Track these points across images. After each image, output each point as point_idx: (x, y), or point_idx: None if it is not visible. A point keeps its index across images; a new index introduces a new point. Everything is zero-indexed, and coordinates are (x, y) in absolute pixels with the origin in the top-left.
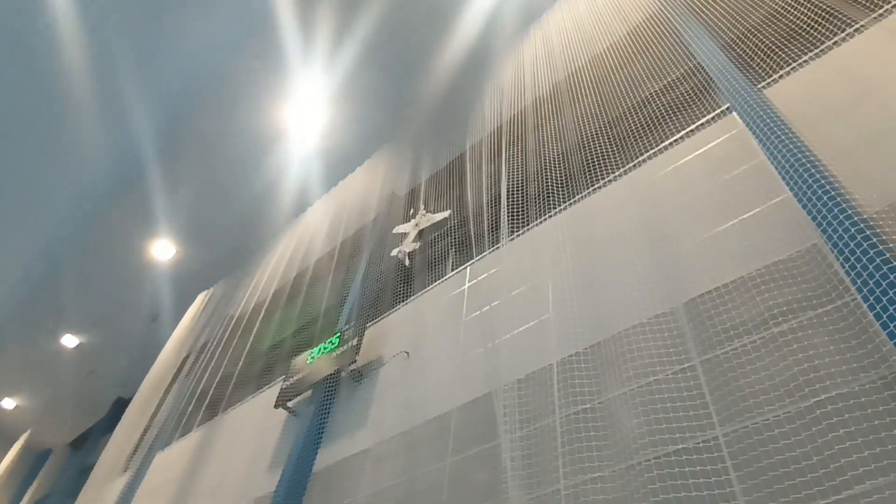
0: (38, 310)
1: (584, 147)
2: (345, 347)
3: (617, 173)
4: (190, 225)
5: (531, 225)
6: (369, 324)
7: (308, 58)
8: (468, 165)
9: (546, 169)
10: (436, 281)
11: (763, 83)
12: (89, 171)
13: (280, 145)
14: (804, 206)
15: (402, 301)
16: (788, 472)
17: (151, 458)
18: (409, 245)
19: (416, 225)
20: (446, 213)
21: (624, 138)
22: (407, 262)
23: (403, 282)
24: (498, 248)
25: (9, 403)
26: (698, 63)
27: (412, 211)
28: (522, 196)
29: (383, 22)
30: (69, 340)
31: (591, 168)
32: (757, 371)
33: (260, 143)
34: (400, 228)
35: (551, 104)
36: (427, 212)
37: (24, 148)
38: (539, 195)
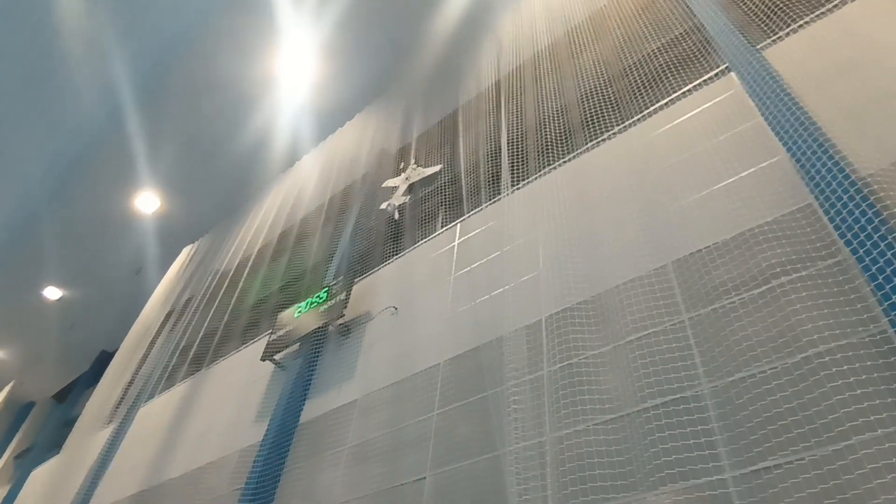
0: (20, 261)
1: (580, 104)
2: (333, 302)
3: (613, 131)
4: (175, 177)
5: (524, 182)
6: (357, 279)
7: (298, 5)
8: (461, 122)
9: (541, 126)
10: (425, 237)
11: (767, 41)
12: (70, 119)
13: (268, 97)
14: (799, 166)
15: (391, 257)
16: (774, 427)
17: (136, 410)
18: (398, 198)
19: (407, 179)
20: (437, 168)
21: (622, 96)
22: (396, 216)
23: (392, 238)
24: (491, 203)
25: None
26: (699, 22)
27: (402, 165)
28: (515, 153)
29: None
30: (52, 293)
31: (587, 126)
32: (745, 327)
33: (248, 94)
34: (390, 182)
35: (550, 61)
36: (418, 166)
37: (2, 95)
38: (533, 153)
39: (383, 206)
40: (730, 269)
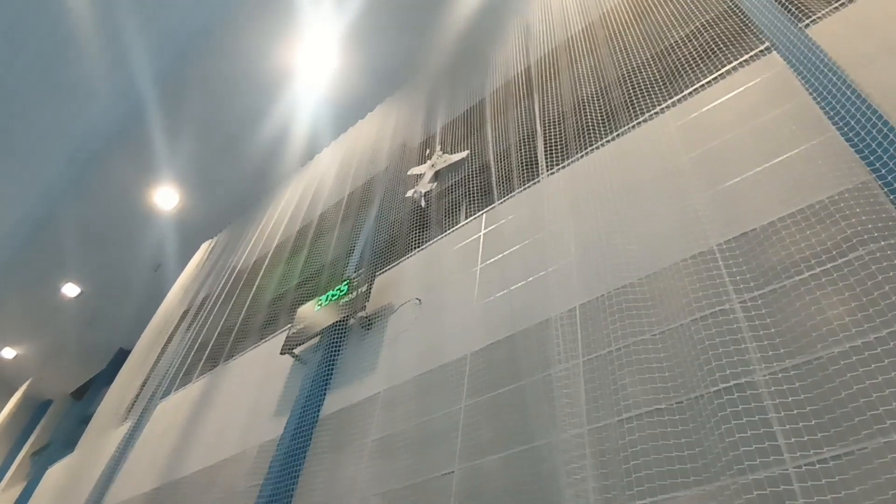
0: (39, 257)
1: (619, 85)
2: (354, 294)
3: (649, 114)
4: (194, 172)
5: (556, 168)
6: (379, 271)
7: None
8: (488, 111)
9: (577, 110)
10: (449, 229)
11: (805, 22)
12: (90, 114)
13: (288, 90)
14: (852, 144)
15: (414, 249)
16: (843, 412)
17: (153, 407)
18: (424, 185)
19: (433, 166)
20: (464, 154)
21: (658, 79)
22: (423, 203)
23: (415, 229)
24: (524, 189)
25: (9, 353)
26: (732, 4)
27: (428, 152)
28: (548, 139)
29: None
30: (70, 289)
31: (624, 110)
32: (807, 307)
33: (267, 87)
34: (415, 170)
35: (586, 43)
36: (444, 153)
37: (22, 89)
38: (567, 139)
39: (409, 193)
40: (784, 251)
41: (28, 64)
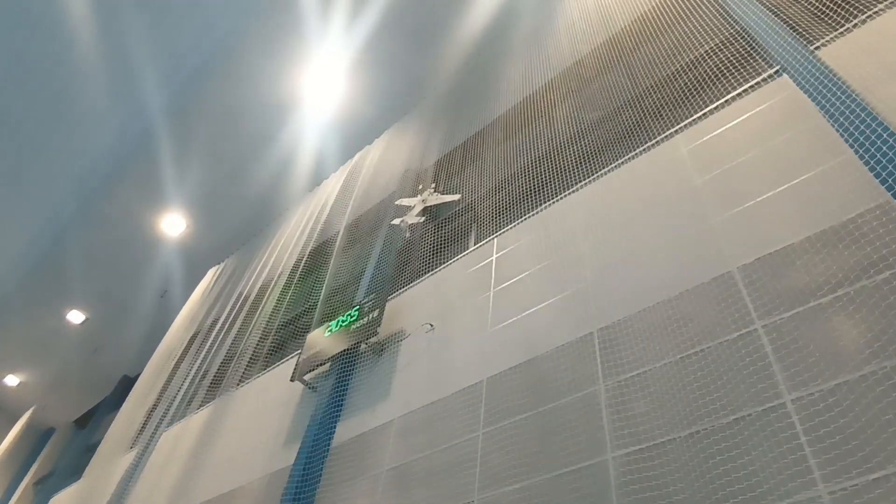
0: (44, 284)
1: (621, 113)
2: (364, 321)
3: (656, 139)
4: (201, 198)
5: (563, 194)
6: (390, 297)
7: (325, 27)
8: (495, 135)
9: (581, 137)
10: (460, 254)
11: (815, 45)
12: (98, 141)
13: (295, 117)
14: (869, 166)
15: (424, 275)
16: (873, 437)
17: (159, 435)
18: (412, 217)
19: (423, 201)
20: (456, 196)
21: (666, 104)
22: (408, 234)
23: (426, 255)
24: (533, 215)
25: (12, 380)
26: (737, 30)
27: (421, 186)
28: (552, 167)
29: None
30: (75, 316)
31: (629, 136)
32: (827, 335)
33: (274, 113)
34: (405, 201)
35: (590, 69)
36: (436, 191)
37: (30, 117)
38: (573, 163)
39: (396, 221)
40: (808, 271)
41: (36, 91)
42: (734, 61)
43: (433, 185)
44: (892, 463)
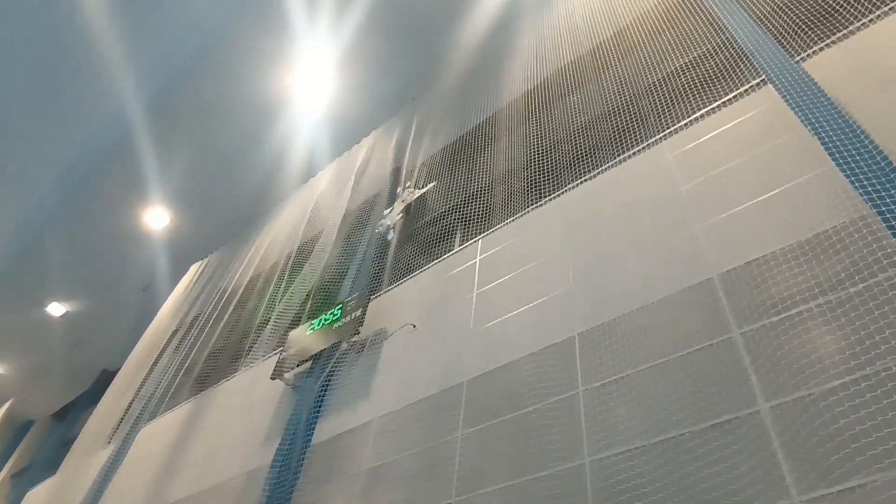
0: (24, 275)
1: (607, 119)
2: (347, 319)
3: (642, 145)
4: (186, 193)
5: (549, 198)
6: (373, 296)
7: (314, 23)
8: (482, 137)
9: (568, 140)
10: (443, 255)
11: (801, 55)
12: (81, 132)
13: (283, 113)
14: (850, 178)
15: (408, 274)
16: (846, 447)
17: (137, 431)
18: (392, 218)
19: (403, 201)
20: (430, 186)
21: (648, 112)
22: (389, 236)
23: (409, 255)
24: (518, 217)
25: None
26: (725, 38)
27: (399, 189)
28: (538, 170)
29: None
30: (55, 308)
31: (615, 141)
32: (804, 344)
33: (261, 110)
34: (386, 211)
35: (576, 74)
36: (412, 186)
37: (11, 106)
38: (559, 167)
39: (378, 229)
40: (787, 280)
41: (19, 84)
42: (721, 70)
43: (407, 183)
44: (864, 473)
